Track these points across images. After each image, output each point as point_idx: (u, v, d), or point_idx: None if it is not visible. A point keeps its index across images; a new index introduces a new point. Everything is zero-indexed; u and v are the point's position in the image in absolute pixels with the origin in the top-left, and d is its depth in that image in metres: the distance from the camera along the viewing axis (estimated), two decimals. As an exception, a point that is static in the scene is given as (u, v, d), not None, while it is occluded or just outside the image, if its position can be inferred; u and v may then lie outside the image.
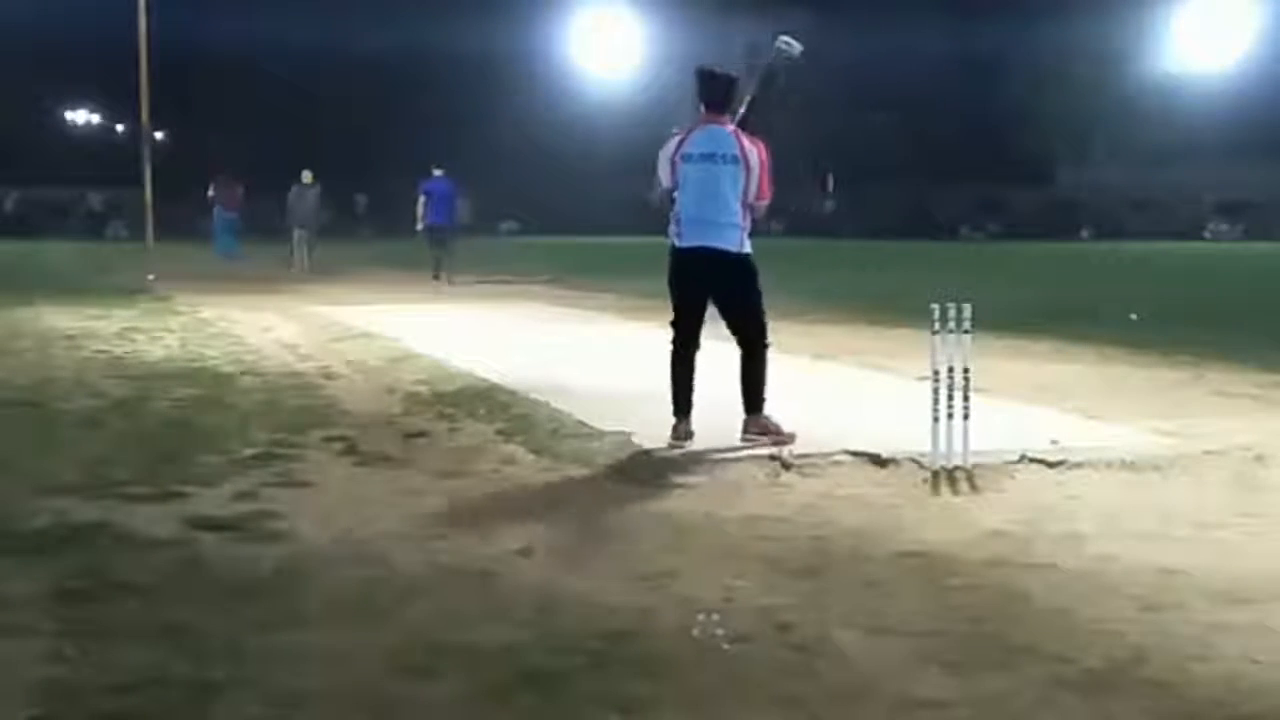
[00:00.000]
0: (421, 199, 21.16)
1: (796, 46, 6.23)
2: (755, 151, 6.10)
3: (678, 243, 6.24)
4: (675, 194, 6.26)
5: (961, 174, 58.16)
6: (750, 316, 6.24)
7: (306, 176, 24.47)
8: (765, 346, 6.26)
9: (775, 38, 6.35)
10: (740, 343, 6.28)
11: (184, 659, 3.36)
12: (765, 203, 6.20)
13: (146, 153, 21.00)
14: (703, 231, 6.14)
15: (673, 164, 6.19)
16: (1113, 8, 53.12)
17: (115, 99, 48.74)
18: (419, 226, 21.23)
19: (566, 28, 59.54)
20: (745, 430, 6.18)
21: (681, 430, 6.16)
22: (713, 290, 6.24)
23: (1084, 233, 56.10)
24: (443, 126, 50.42)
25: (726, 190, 6.08)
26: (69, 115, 63.07)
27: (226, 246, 27.33)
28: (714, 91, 6.19)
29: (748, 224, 6.19)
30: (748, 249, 6.19)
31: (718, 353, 6.43)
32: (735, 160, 6.06)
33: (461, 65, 53.15)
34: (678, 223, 6.24)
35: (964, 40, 53.35)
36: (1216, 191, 57.92)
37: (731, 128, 6.14)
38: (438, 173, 21.38)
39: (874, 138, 59.27)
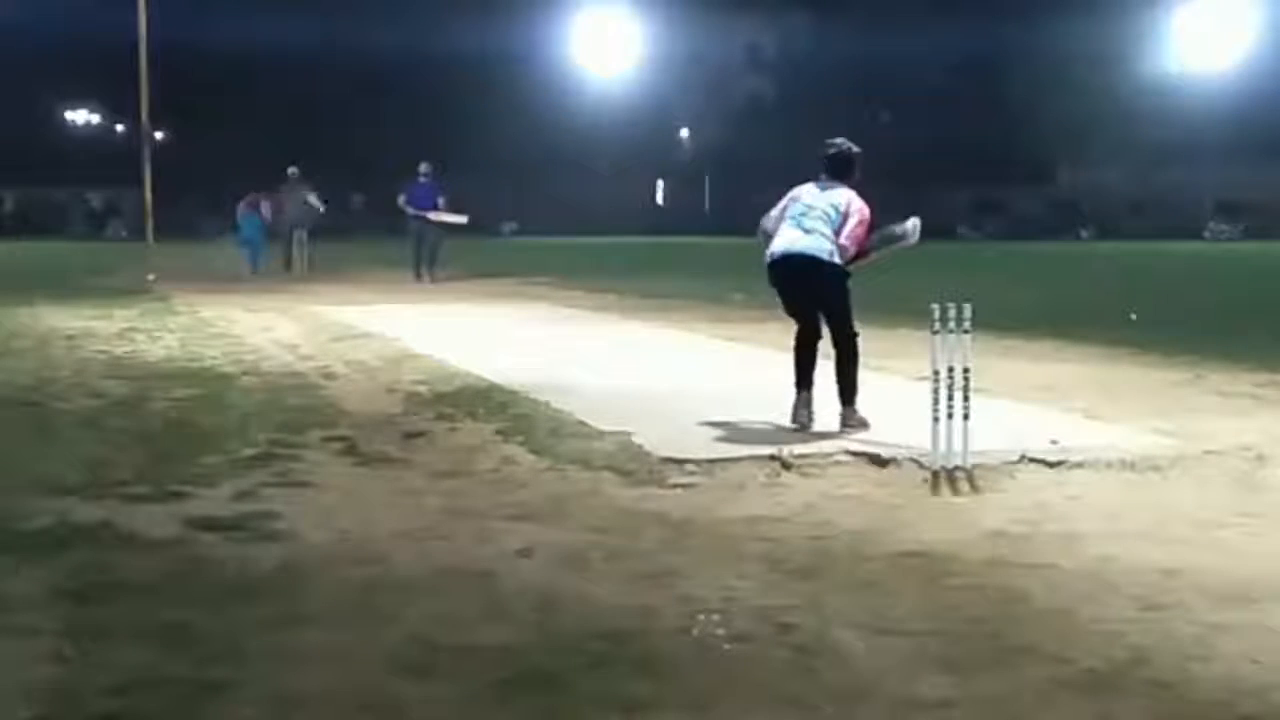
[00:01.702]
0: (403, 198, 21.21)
1: (914, 238, 6.78)
2: (862, 207, 6.51)
3: (769, 258, 6.58)
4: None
5: (961, 174, 58.15)
6: (838, 318, 6.51)
7: (293, 173, 23.80)
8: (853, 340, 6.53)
9: (904, 226, 6.78)
10: (832, 342, 6.55)
11: (184, 659, 3.36)
12: (850, 249, 6.47)
13: (146, 153, 20.98)
14: (791, 243, 6.48)
15: (781, 213, 6.61)
16: (1113, 8, 53.14)
17: (115, 99, 48.76)
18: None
19: (566, 27, 59.58)
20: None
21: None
22: (805, 290, 6.54)
23: (1084, 233, 56.12)
24: (442, 126, 50.44)
25: (821, 216, 6.45)
26: (69, 115, 63.13)
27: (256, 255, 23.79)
28: (839, 166, 6.65)
29: (838, 253, 6.44)
30: (838, 261, 6.44)
31: (720, 353, 6.42)
32: (836, 205, 6.47)
33: (461, 65, 53.16)
34: (770, 241, 6.60)
35: (964, 40, 53.36)
36: (1216, 191, 57.96)
37: (844, 187, 6.56)
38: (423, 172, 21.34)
39: (874, 138, 59.22)
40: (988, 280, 20.67)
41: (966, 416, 5.59)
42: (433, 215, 20.81)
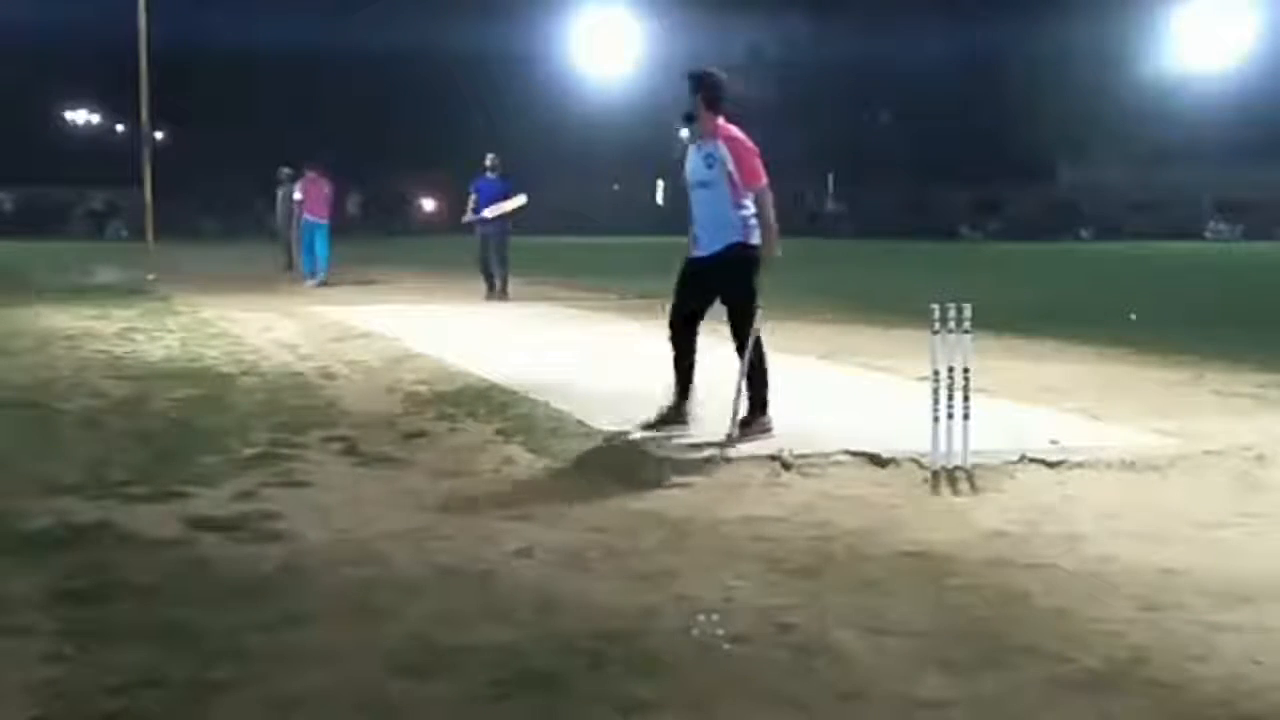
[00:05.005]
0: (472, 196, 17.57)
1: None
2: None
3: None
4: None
5: (961, 174, 58.17)
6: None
7: (286, 173, 22.65)
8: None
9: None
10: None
11: (184, 659, 3.36)
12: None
13: (146, 153, 20.99)
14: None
15: None
16: (1113, 8, 53.13)
17: (115, 99, 48.74)
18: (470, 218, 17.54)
19: (566, 28, 59.57)
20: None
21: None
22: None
23: (1084, 232, 56.12)
24: (442, 127, 50.43)
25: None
26: (69, 115, 63.10)
27: (313, 264, 20.00)
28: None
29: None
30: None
31: (720, 353, 6.43)
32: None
33: (461, 65, 53.15)
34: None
35: (964, 40, 53.35)
36: (1216, 191, 57.96)
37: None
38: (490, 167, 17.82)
39: (874, 138, 59.28)
40: (988, 280, 20.66)
41: (966, 416, 5.59)
42: (489, 212, 17.30)
